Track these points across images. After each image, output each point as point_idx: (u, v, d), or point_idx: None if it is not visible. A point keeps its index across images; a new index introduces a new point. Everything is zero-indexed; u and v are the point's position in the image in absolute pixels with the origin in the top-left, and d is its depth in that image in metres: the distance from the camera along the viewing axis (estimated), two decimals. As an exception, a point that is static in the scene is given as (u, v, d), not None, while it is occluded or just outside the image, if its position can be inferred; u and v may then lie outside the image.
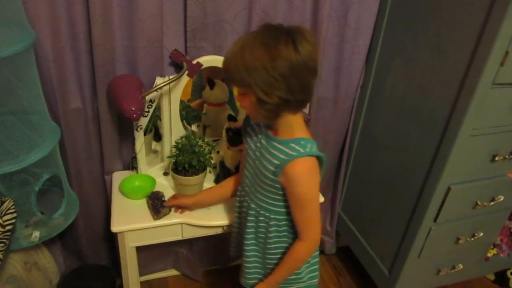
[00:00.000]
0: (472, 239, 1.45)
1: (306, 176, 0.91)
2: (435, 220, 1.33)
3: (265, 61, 0.81)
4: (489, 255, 1.64)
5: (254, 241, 1.07)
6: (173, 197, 1.27)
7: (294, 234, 1.02)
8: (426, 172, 1.30)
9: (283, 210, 1.00)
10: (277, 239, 1.04)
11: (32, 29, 1.07)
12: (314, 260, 1.10)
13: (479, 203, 1.35)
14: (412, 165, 1.36)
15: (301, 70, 0.82)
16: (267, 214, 1.01)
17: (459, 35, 1.13)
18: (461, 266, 1.54)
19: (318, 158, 0.94)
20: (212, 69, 1.33)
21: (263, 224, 1.03)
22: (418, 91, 1.31)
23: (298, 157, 0.90)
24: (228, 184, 1.22)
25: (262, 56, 0.81)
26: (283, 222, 1.01)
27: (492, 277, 1.94)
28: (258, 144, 1.01)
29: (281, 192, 0.97)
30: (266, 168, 0.95)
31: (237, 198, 1.14)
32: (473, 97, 1.10)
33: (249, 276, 1.12)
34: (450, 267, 1.53)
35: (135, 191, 1.31)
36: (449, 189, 1.27)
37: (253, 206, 1.04)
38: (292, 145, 0.92)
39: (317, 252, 1.10)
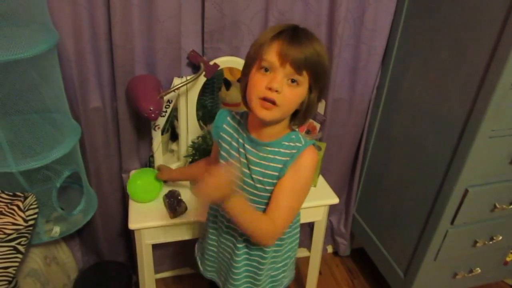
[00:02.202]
0: (491, 242, 1.43)
1: (312, 161, 0.89)
2: (452, 222, 1.32)
3: (327, 57, 0.83)
4: (508, 259, 1.61)
5: (247, 261, 1.01)
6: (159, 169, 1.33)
7: (282, 245, 1.00)
8: (443, 174, 1.28)
9: None
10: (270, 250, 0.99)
11: (55, 30, 1.11)
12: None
13: (497, 205, 1.33)
14: (429, 166, 1.35)
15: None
16: None
17: (478, 36, 1.12)
18: (479, 270, 1.51)
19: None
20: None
21: None
22: (435, 92, 1.30)
23: (304, 148, 0.88)
24: (201, 163, 1.21)
25: (324, 50, 0.82)
26: None
27: (511, 282, 1.90)
28: (241, 150, 0.93)
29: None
30: (263, 174, 0.90)
31: (213, 212, 1.05)
32: (492, 98, 1.09)
33: None
34: (467, 271, 1.51)
35: (141, 192, 1.29)
36: (466, 191, 1.25)
37: None
38: (286, 143, 0.90)
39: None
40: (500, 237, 1.43)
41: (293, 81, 0.80)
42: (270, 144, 0.90)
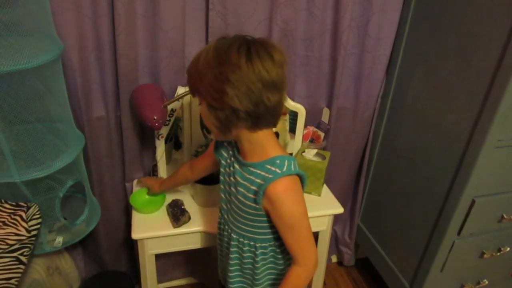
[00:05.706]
0: (498, 253, 1.41)
1: (288, 195, 0.84)
2: (458, 233, 1.30)
3: (214, 65, 0.76)
4: (515, 270, 1.59)
5: (239, 273, 1.01)
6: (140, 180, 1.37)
7: (281, 259, 0.98)
8: (449, 184, 1.27)
9: (269, 236, 0.94)
10: (264, 268, 0.98)
11: (60, 40, 1.11)
12: None
13: (505, 216, 1.31)
14: (435, 176, 1.33)
15: (252, 80, 0.75)
16: (251, 243, 0.95)
17: (484, 44, 1.11)
18: (486, 282, 1.49)
19: (299, 176, 0.87)
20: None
21: (248, 254, 0.97)
22: (440, 101, 1.29)
23: (276, 178, 0.83)
24: (184, 170, 1.22)
25: (212, 60, 0.77)
26: (270, 249, 0.96)
27: (518, 293, 1.87)
28: (231, 168, 0.94)
29: (265, 219, 0.90)
30: (245, 196, 0.89)
31: (218, 225, 1.08)
32: (498, 108, 1.07)
33: None
34: (474, 283, 1.49)
35: (145, 204, 1.30)
36: (473, 202, 1.24)
37: (234, 236, 0.97)
38: (268, 166, 0.85)
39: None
40: (508, 249, 1.41)
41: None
42: (253, 165, 0.87)
